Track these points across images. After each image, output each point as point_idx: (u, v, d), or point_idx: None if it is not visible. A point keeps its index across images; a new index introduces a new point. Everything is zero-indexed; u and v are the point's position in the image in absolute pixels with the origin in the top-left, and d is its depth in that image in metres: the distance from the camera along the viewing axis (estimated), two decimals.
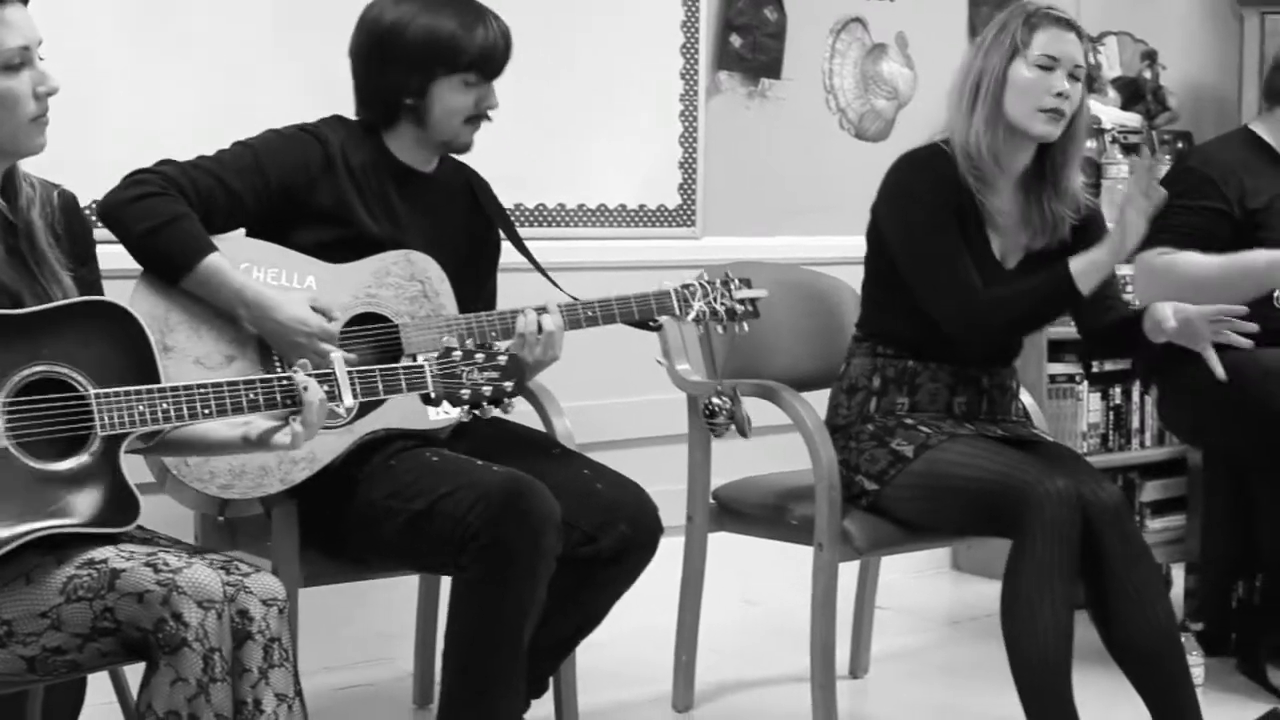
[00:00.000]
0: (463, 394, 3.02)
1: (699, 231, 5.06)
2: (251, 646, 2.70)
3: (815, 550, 3.83)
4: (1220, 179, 4.49)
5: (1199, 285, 4.39)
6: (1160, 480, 5.88)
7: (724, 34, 5.12)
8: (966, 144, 3.81)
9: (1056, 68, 3.77)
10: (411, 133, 3.58)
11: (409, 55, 3.50)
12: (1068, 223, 3.91)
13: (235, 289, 3.33)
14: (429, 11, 3.51)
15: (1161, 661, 3.62)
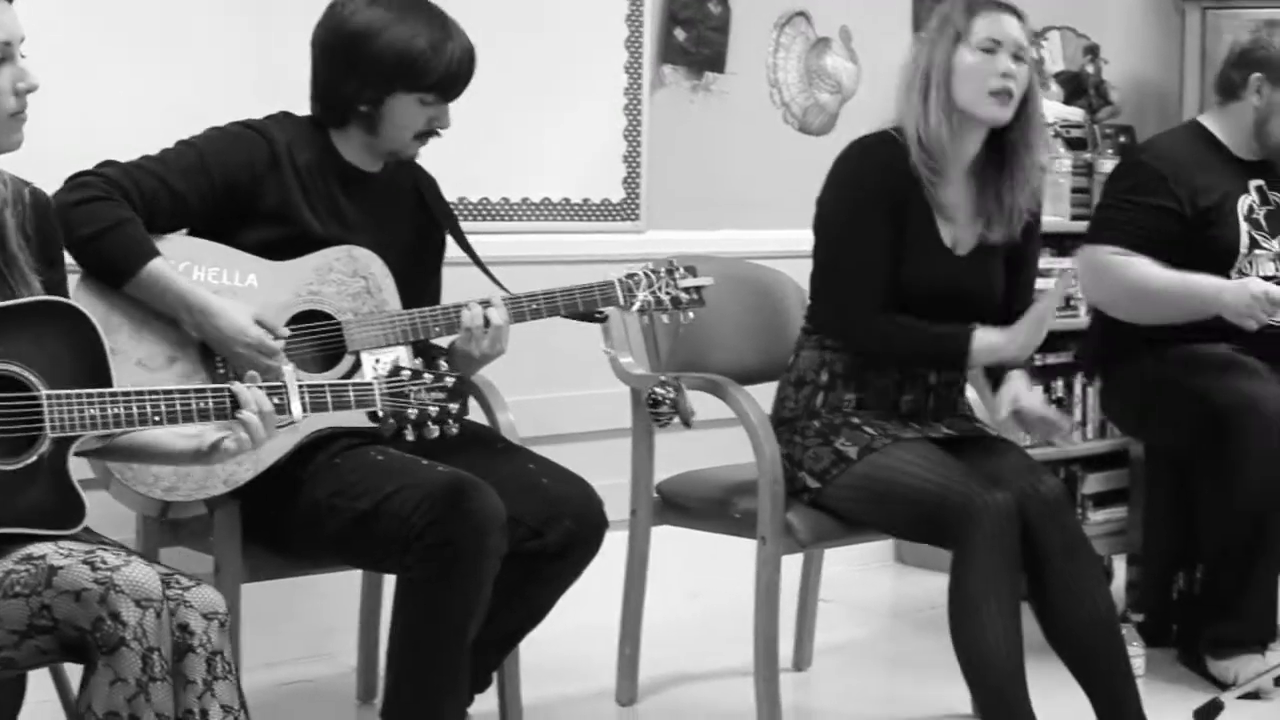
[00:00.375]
0: (410, 413, 3.03)
1: (643, 225, 5.06)
2: (194, 659, 2.68)
3: (758, 544, 3.84)
4: (1171, 176, 4.52)
5: (1146, 297, 4.46)
6: (1102, 473, 5.91)
7: (668, 27, 5.12)
8: (919, 135, 3.82)
9: (999, 50, 3.80)
10: (360, 137, 3.56)
11: (374, 66, 3.46)
12: (1024, 219, 3.93)
13: (178, 294, 3.31)
14: (401, 23, 3.46)
15: (1100, 652, 3.64)
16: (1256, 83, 4.60)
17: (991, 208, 3.90)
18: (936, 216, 3.85)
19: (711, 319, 4.07)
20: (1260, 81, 4.59)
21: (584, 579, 3.59)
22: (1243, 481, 4.31)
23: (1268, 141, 4.60)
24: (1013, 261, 3.98)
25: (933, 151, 3.82)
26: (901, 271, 3.81)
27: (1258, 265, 4.57)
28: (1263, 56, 4.60)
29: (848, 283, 3.85)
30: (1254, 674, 4.27)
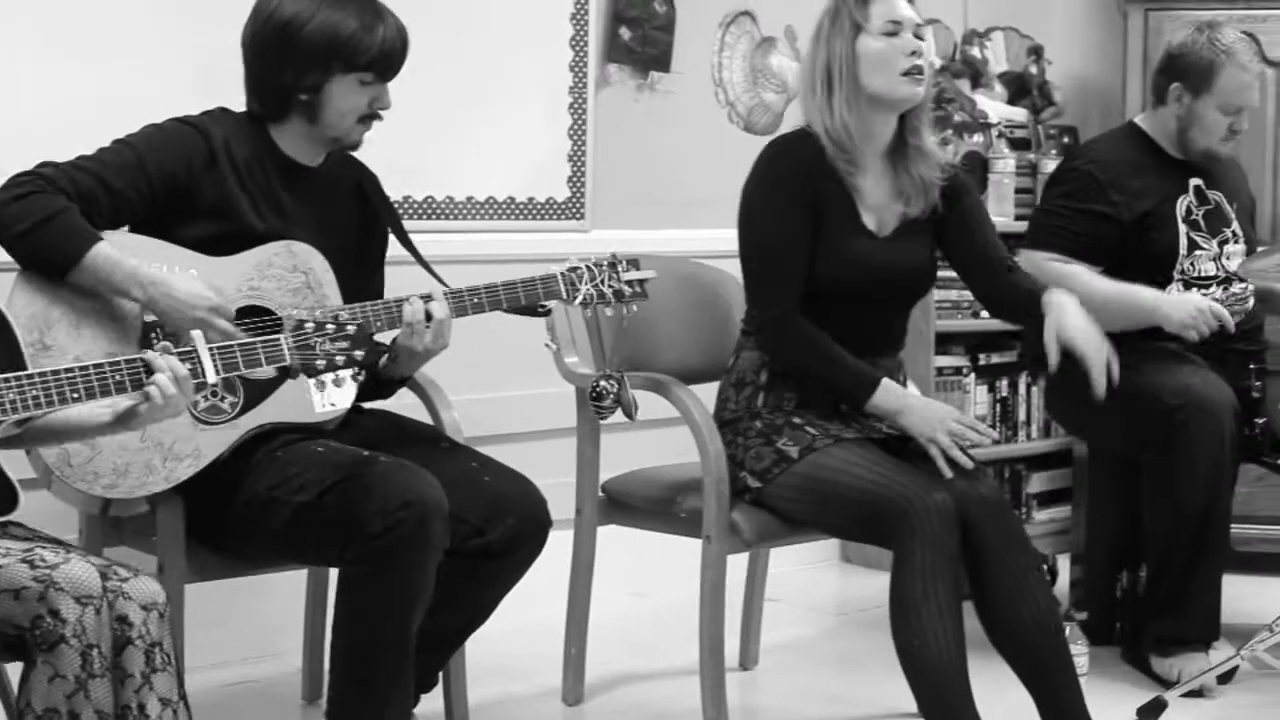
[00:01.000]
0: (318, 364, 3.05)
1: (588, 224, 5.05)
2: (133, 652, 2.67)
3: (703, 543, 3.83)
4: (1109, 183, 4.55)
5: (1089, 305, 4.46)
6: (1046, 472, 5.94)
7: (613, 27, 5.11)
8: (831, 130, 3.84)
9: (901, 30, 3.84)
10: (301, 127, 3.55)
11: (307, 51, 3.45)
12: (937, 187, 3.94)
13: (128, 271, 3.28)
14: (329, 8, 3.46)
15: (1043, 650, 3.65)
16: (1176, 91, 4.64)
17: (906, 183, 3.92)
18: (857, 204, 3.87)
19: (656, 318, 4.07)
20: (1180, 90, 4.63)
21: (529, 578, 3.59)
22: (1187, 480, 4.33)
23: (1189, 149, 4.63)
24: (960, 226, 3.99)
25: (844, 145, 3.84)
26: (828, 261, 3.83)
27: (1199, 265, 4.59)
28: (1184, 65, 4.63)
29: (767, 284, 3.87)
30: (1197, 672, 4.29)
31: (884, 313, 3.97)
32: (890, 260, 3.89)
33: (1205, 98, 4.58)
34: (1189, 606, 4.42)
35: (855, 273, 3.84)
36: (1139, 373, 4.44)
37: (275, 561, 3.57)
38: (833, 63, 3.85)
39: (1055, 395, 4.87)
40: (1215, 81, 4.57)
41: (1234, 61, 4.57)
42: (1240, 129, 4.63)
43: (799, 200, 3.82)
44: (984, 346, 5.79)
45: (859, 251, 3.85)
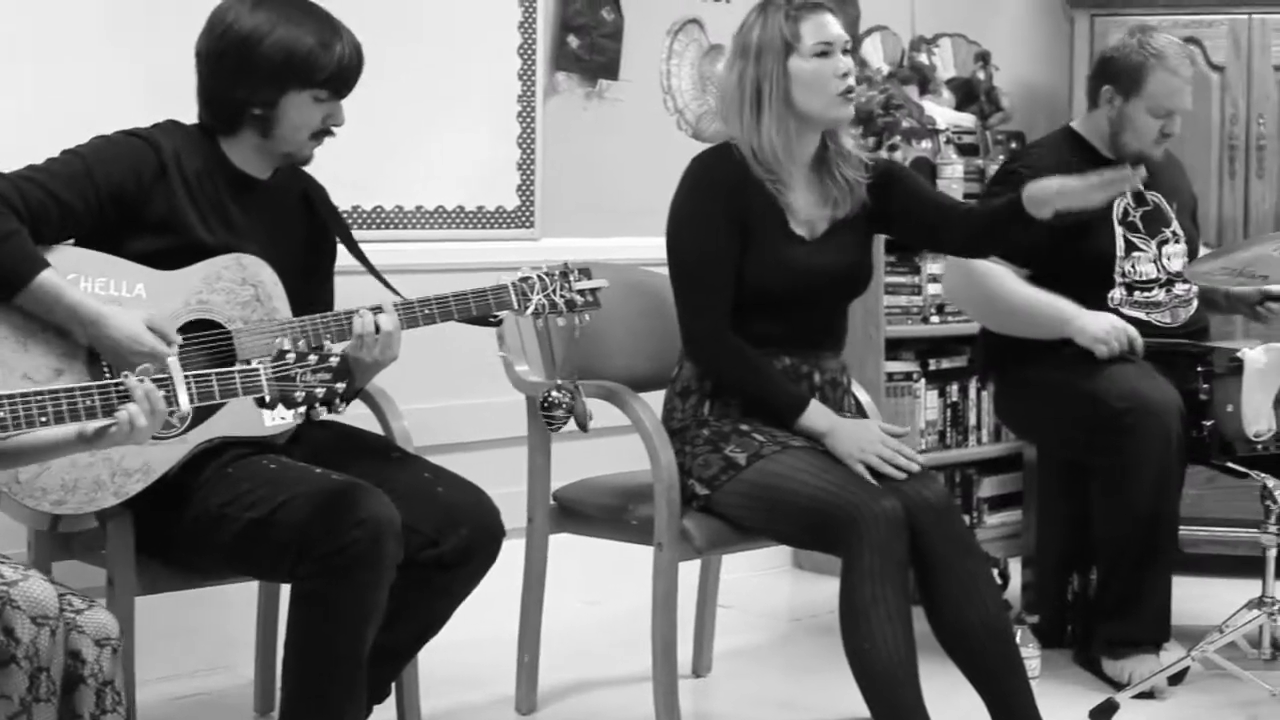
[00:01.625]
0: (297, 396, 3.02)
1: (537, 233, 5.05)
2: (84, 691, 2.65)
3: (655, 550, 3.84)
4: None
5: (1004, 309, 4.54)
6: (997, 476, 5.97)
7: (561, 35, 5.11)
8: (758, 149, 3.86)
9: (833, 51, 3.84)
10: (253, 141, 3.53)
11: (264, 67, 3.44)
12: (862, 184, 3.96)
13: (69, 306, 3.27)
14: (287, 23, 3.44)
15: (993, 653, 3.66)
16: (1108, 93, 4.68)
17: (832, 188, 3.94)
18: (786, 215, 3.89)
19: (607, 326, 4.08)
20: (1111, 92, 4.67)
21: (482, 587, 3.58)
22: (1136, 483, 4.35)
23: (1122, 152, 4.67)
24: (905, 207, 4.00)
25: (771, 164, 3.86)
26: (761, 270, 3.84)
27: (1138, 267, 4.62)
28: (1115, 67, 4.67)
29: (695, 303, 3.89)
30: (1148, 673, 4.31)
31: (821, 312, 3.99)
32: (823, 262, 3.90)
33: (1135, 100, 4.62)
34: (1139, 608, 4.44)
35: (788, 277, 3.86)
36: (1086, 377, 4.47)
37: (226, 576, 3.56)
38: (763, 82, 3.85)
39: (1004, 400, 4.89)
40: (1145, 84, 4.61)
41: (1164, 65, 4.61)
42: (1171, 132, 4.66)
43: (726, 216, 3.84)
44: (934, 352, 5.82)
45: (790, 257, 3.86)
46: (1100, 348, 4.47)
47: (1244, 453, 4.30)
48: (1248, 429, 4.26)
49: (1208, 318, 4.80)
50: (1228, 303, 4.80)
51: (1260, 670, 4.23)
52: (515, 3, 4.98)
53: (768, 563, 5.74)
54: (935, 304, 5.70)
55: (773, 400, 3.85)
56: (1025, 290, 4.55)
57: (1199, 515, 5.49)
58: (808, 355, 3.94)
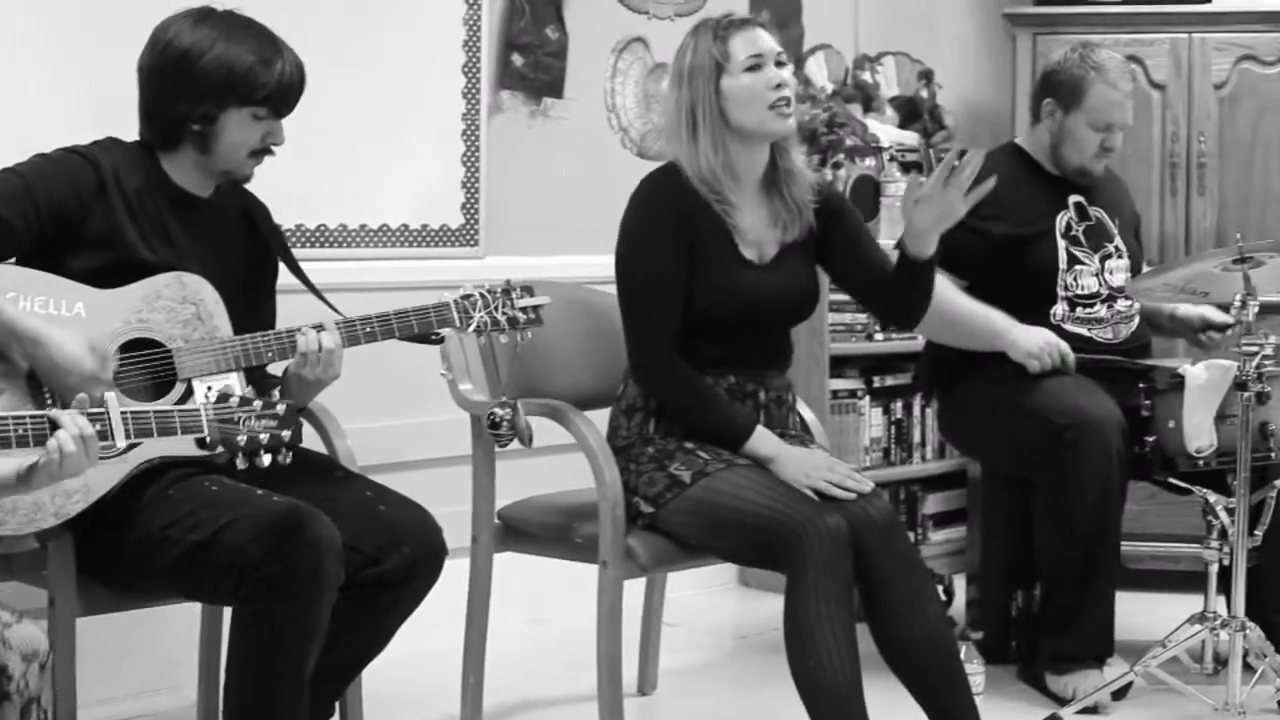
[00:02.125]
0: (239, 440, 3.01)
1: (482, 251, 5.05)
2: (9, 708, 2.62)
3: (600, 568, 3.83)
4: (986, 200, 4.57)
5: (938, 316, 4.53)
6: (942, 493, 5.98)
7: (505, 53, 5.11)
8: (699, 171, 3.85)
9: (764, 64, 3.84)
10: (193, 158, 3.52)
11: (204, 83, 3.43)
12: (810, 207, 3.96)
13: (8, 326, 3.24)
14: (228, 40, 3.44)
15: (938, 670, 3.66)
16: (1049, 107, 4.72)
17: (781, 209, 3.94)
18: (734, 237, 3.88)
19: (551, 344, 4.07)
20: (1052, 106, 4.71)
21: (426, 606, 3.57)
22: (1078, 499, 4.37)
23: (1063, 165, 4.71)
24: (847, 253, 4.02)
25: (714, 185, 3.85)
26: (709, 294, 3.84)
27: (1081, 280, 4.64)
28: (1056, 81, 4.72)
29: (643, 330, 3.89)
30: (1092, 689, 4.33)
31: (769, 335, 4.00)
32: (773, 287, 3.91)
33: (1075, 113, 4.66)
34: (1082, 624, 4.45)
35: (738, 303, 3.86)
36: (1028, 393, 4.49)
37: (169, 597, 3.54)
38: (696, 104, 3.85)
39: (948, 416, 4.91)
40: (1085, 98, 4.64)
41: (1103, 79, 4.64)
42: (1112, 146, 4.69)
43: (673, 238, 3.83)
44: (878, 370, 5.83)
45: (740, 282, 3.86)
46: (1032, 363, 4.49)
47: (1186, 468, 4.32)
48: (1189, 445, 4.28)
49: (1149, 334, 4.83)
50: (1171, 326, 4.83)
51: (1203, 685, 4.25)
52: (459, 21, 4.97)
53: (713, 580, 5.74)
54: (879, 322, 5.71)
55: (719, 427, 3.85)
56: (962, 301, 4.58)
57: (1141, 531, 5.52)
58: (753, 374, 3.94)
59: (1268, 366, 4.10)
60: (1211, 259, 4.13)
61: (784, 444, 3.82)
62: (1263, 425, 4.22)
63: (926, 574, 3.75)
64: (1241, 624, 4.06)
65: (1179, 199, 5.82)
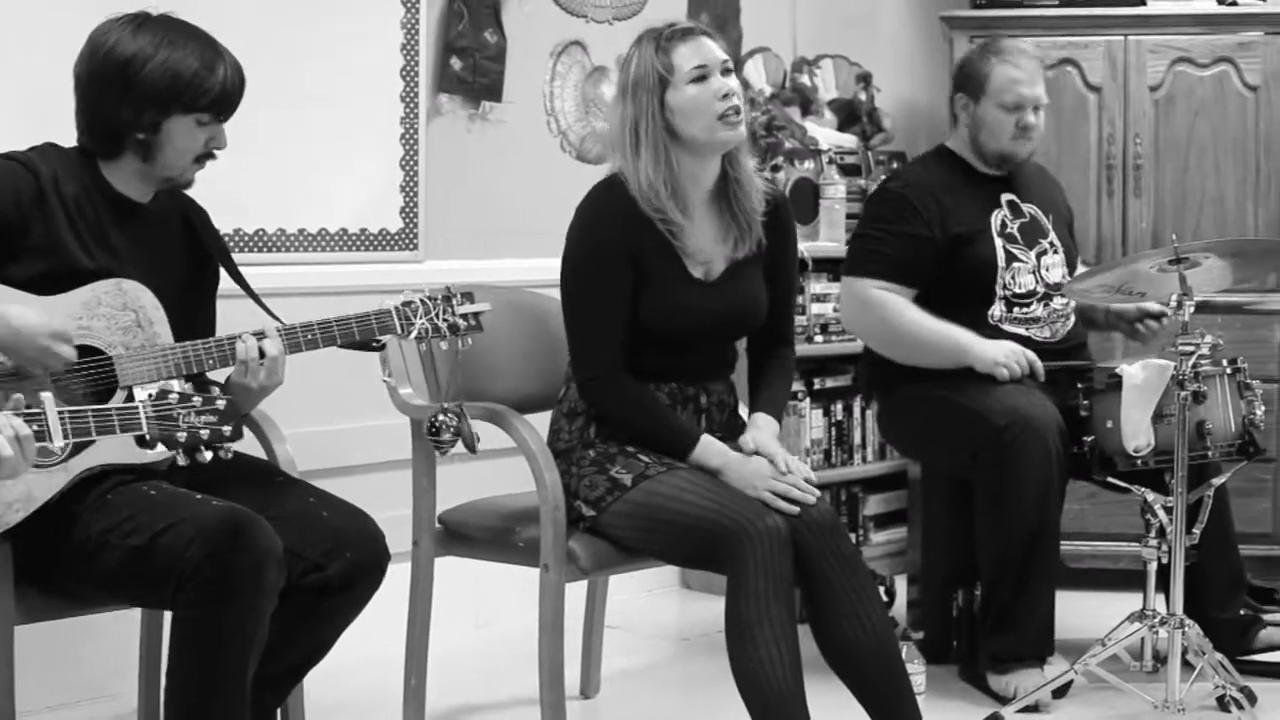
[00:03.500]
0: (179, 436, 2.99)
1: (421, 255, 5.04)
2: None
3: (541, 572, 3.83)
4: (920, 204, 4.64)
5: (901, 339, 4.57)
6: (882, 494, 6.00)
7: (444, 57, 5.10)
8: (641, 187, 3.82)
9: (710, 73, 3.81)
10: (135, 165, 3.50)
11: (148, 92, 3.41)
12: (760, 220, 3.96)
13: None
14: (170, 47, 3.42)
15: (880, 670, 3.67)
16: (961, 101, 4.78)
17: (730, 223, 3.93)
18: (680, 254, 3.87)
19: (491, 348, 4.07)
20: (964, 99, 4.77)
21: (368, 612, 3.56)
22: (1017, 499, 4.39)
23: (985, 154, 4.75)
24: (770, 268, 4.03)
25: (656, 201, 3.82)
26: (653, 311, 3.84)
27: (1018, 278, 4.67)
28: (963, 75, 4.80)
29: (588, 345, 3.88)
30: (1033, 687, 4.35)
31: (714, 348, 4.01)
32: (721, 304, 3.91)
33: (984, 100, 4.71)
34: (1023, 623, 4.47)
35: (683, 320, 3.87)
36: (967, 394, 4.51)
37: (107, 603, 3.52)
38: (640, 119, 3.82)
39: (888, 418, 4.93)
40: (988, 81, 4.71)
41: (1003, 59, 4.71)
42: (1028, 124, 4.72)
43: (617, 257, 3.82)
44: (819, 372, 5.85)
45: (685, 301, 3.86)
46: (1000, 371, 4.51)
47: (1124, 468, 4.35)
48: (1127, 444, 4.31)
49: (1085, 333, 4.86)
50: (1106, 320, 4.85)
51: (1142, 682, 4.28)
52: (398, 25, 4.96)
53: (656, 583, 5.75)
54: (819, 324, 5.73)
55: (665, 438, 3.85)
56: (924, 321, 4.59)
57: (1081, 530, 5.56)
58: (695, 383, 3.95)
59: (1204, 366, 4.14)
60: (1147, 260, 4.15)
61: (730, 453, 3.82)
62: (1199, 424, 4.26)
63: (868, 575, 3.76)
64: (1180, 621, 4.09)
65: (1115, 200, 5.86)
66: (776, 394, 4.05)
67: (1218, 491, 4.45)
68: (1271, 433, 5.43)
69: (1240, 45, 5.82)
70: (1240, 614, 4.72)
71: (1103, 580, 5.52)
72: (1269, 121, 5.80)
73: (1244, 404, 4.38)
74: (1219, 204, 5.84)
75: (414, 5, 4.99)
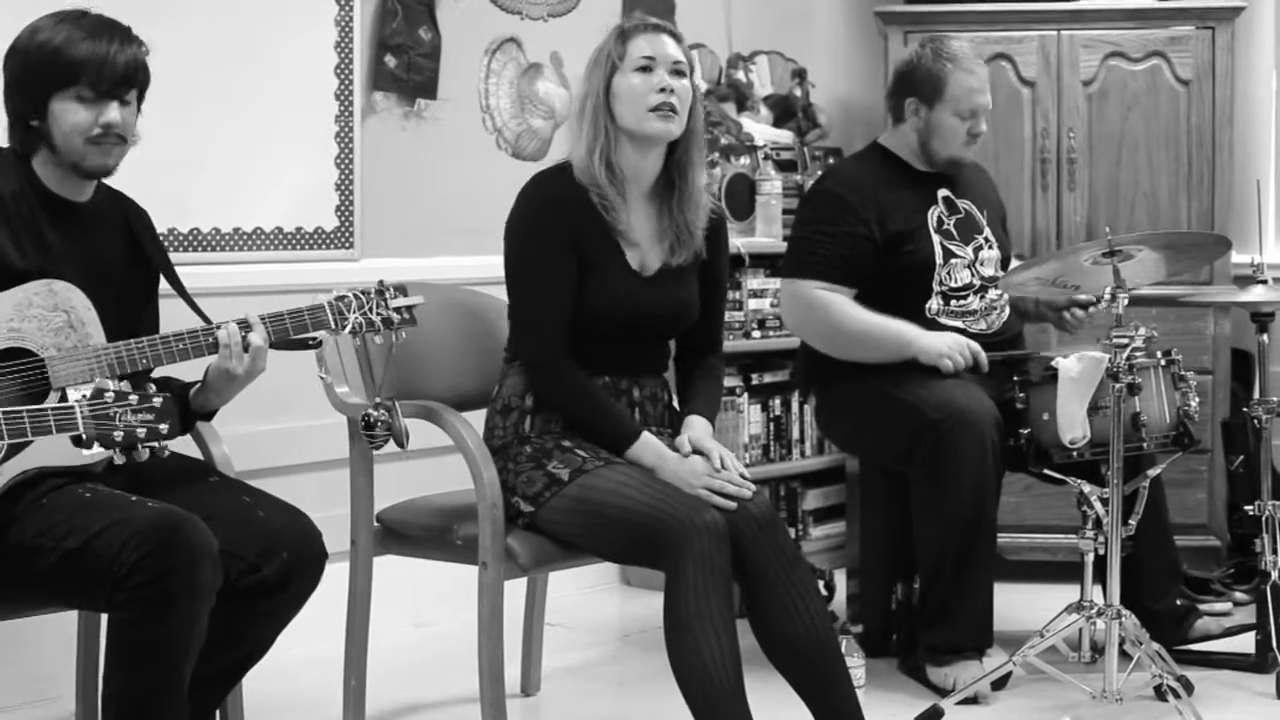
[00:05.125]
0: (116, 435, 2.97)
1: (357, 253, 5.02)
2: None
3: (480, 569, 3.82)
4: (857, 203, 4.65)
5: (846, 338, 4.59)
6: (821, 488, 6.01)
7: (378, 54, 5.09)
8: (580, 161, 3.89)
9: (655, 67, 3.87)
10: (48, 157, 3.47)
11: (31, 75, 3.40)
12: (701, 234, 3.98)
13: None
14: (53, 31, 3.40)
15: (819, 664, 3.68)
16: (913, 105, 4.77)
17: (668, 229, 3.96)
18: (620, 242, 3.90)
19: (427, 345, 4.06)
20: (916, 104, 4.77)
21: (307, 611, 3.55)
22: (954, 491, 4.41)
23: (934, 160, 4.77)
24: (704, 277, 4.05)
25: (595, 179, 3.87)
26: (590, 298, 3.86)
27: (955, 274, 4.69)
28: (914, 79, 4.79)
29: (532, 330, 3.90)
30: (972, 679, 4.36)
31: (648, 343, 4.03)
32: (654, 300, 3.93)
33: (939, 106, 4.71)
34: (961, 615, 4.49)
35: (619, 311, 3.89)
36: (903, 387, 4.53)
37: (44, 606, 3.49)
38: (588, 97, 3.91)
39: (825, 412, 4.94)
40: (946, 89, 4.70)
41: (960, 67, 4.71)
42: (978, 131, 4.75)
43: (560, 241, 3.85)
44: (757, 367, 5.85)
45: (621, 290, 3.88)
46: (945, 362, 4.53)
47: (1060, 460, 4.37)
48: (1063, 436, 4.33)
49: (1020, 324, 4.88)
50: (1036, 310, 4.88)
51: (1080, 673, 4.30)
52: (331, 22, 4.95)
53: (595, 580, 5.75)
54: (757, 319, 5.73)
55: (605, 430, 3.86)
56: (865, 317, 4.60)
57: (1019, 522, 5.59)
58: (628, 378, 3.96)
59: (1138, 358, 4.16)
60: (1081, 253, 4.18)
61: (667, 451, 3.83)
62: (1134, 416, 4.28)
63: (807, 569, 3.77)
64: (1117, 612, 4.11)
65: (1050, 194, 5.88)
66: (709, 399, 4.08)
67: (1153, 483, 4.48)
68: (1206, 424, 5.47)
69: (1172, 40, 5.86)
70: (1177, 604, 4.76)
71: (1040, 572, 5.55)
72: (1200, 115, 5.84)
73: (1178, 396, 4.42)
74: (1152, 197, 5.87)
75: (348, 3, 4.97)
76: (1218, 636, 4.78)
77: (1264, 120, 6.22)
